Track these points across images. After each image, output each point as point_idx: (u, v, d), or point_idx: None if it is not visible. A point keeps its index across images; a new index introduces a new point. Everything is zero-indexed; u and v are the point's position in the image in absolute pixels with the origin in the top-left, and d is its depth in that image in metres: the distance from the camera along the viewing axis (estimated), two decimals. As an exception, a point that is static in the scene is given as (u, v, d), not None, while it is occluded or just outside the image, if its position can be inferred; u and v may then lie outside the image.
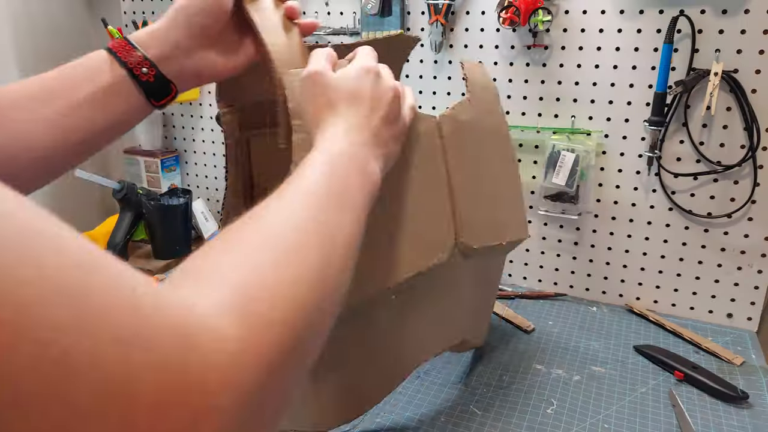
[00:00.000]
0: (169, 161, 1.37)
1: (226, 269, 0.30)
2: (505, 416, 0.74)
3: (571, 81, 0.98)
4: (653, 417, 0.74)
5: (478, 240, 0.69)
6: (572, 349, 0.90)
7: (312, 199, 0.39)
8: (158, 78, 0.52)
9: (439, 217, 0.65)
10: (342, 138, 0.46)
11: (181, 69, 0.53)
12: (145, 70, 0.51)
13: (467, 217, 0.67)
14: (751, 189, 0.91)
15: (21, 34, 1.28)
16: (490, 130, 0.72)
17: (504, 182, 0.75)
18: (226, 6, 0.53)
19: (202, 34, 0.53)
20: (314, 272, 0.34)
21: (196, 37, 0.53)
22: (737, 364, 0.86)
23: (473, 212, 0.68)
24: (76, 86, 0.50)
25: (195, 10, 0.52)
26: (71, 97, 0.49)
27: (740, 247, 0.94)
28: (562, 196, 1.02)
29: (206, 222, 1.35)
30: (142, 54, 0.51)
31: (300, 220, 0.36)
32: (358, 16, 1.11)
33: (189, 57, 0.53)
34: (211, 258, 0.32)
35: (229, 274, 0.29)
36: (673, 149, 0.95)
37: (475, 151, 0.69)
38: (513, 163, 0.78)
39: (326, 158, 0.43)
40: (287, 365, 0.29)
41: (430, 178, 0.63)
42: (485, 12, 1.01)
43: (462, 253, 0.67)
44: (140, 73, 0.51)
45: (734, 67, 0.87)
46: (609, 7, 0.93)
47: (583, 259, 1.06)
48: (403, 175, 0.59)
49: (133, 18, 1.32)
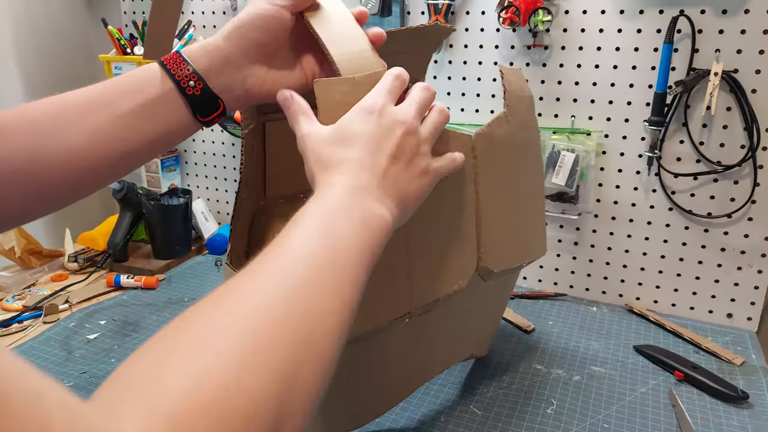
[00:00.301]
0: (169, 161, 1.37)
1: (167, 380, 0.27)
2: (505, 416, 0.74)
3: (571, 81, 0.98)
4: (653, 417, 0.74)
5: (500, 264, 0.66)
6: (572, 349, 0.90)
7: (291, 281, 0.35)
8: (205, 92, 0.50)
9: (462, 245, 0.62)
10: (338, 188, 0.43)
11: (229, 84, 0.51)
12: (192, 84, 0.50)
13: (492, 241, 0.65)
14: (751, 189, 0.91)
15: (22, 34, 1.28)
16: (523, 145, 0.69)
17: (531, 200, 0.72)
18: (285, 24, 0.51)
19: (257, 51, 0.51)
20: (277, 383, 0.29)
21: (249, 54, 0.51)
22: (737, 364, 0.86)
23: (498, 236, 0.66)
24: (123, 96, 0.49)
25: (251, 27, 0.50)
26: (117, 108, 0.48)
27: (740, 247, 0.94)
28: (562, 196, 1.02)
29: (206, 222, 1.35)
30: (191, 67, 0.49)
31: (270, 311, 0.32)
32: (358, 16, 1.11)
33: (239, 72, 0.51)
34: (155, 360, 0.29)
35: (168, 388, 0.26)
36: (673, 149, 0.95)
37: (506, 169, 0.66)
38: (540, 178, 0.75)
39: (317, 221, 0.40)
40: None
41: (458, 203, 0.60)
42: (485, 12, 1.01)
43: (481, 276, 0.66)
44: (187, 86, 0.50)
45: (734, 67, 0.87)
46: (609, 7, 0.93)
47: (583, 259, 1.06)
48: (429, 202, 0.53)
49: (133, 18, 1.32)
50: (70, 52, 1.39)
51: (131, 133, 0.49)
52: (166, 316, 1.00)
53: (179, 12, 1.11)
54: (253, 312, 0.32)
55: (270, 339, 0.31)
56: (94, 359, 0.87)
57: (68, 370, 0.84)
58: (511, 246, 0.68)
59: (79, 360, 0.87)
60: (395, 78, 0.49)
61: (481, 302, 0.73)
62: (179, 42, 1.24)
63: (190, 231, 1.28)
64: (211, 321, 0.31)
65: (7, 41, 1.25)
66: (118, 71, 1.19)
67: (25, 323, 0.97)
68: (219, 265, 1.23)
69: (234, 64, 0.50)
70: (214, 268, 1.21)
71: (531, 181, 0.71)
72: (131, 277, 1.12)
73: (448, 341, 0.71)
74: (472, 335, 0.77)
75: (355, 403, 0.65)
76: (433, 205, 0.54)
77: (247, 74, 0.51)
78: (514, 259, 0.69)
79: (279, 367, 0.30)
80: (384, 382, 0.66)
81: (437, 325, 0.67)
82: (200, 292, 1.10)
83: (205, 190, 1.41)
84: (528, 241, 0.72)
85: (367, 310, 0.54)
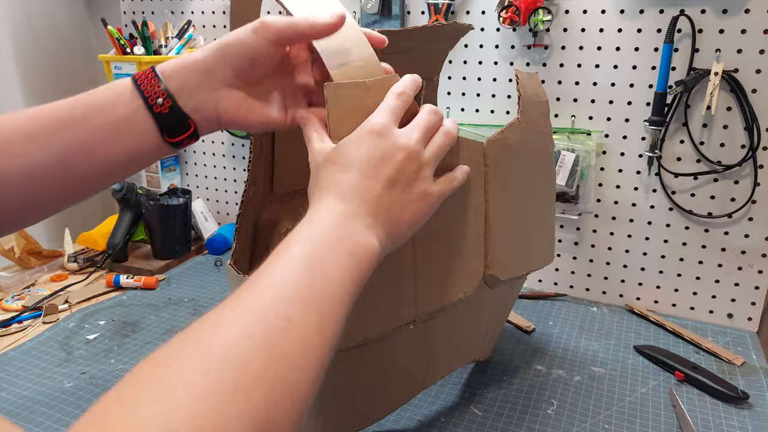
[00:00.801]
0: (168, 161, 1.37)
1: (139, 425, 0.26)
2: (505, 416, 0.74)
3: (572, 81, 0.98)
4: (653, 417, 0.74)
5: (507, 272, 0.65)
6: (572, 349, 0.90)
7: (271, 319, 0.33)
8: (174, 110, 0.47)
9: (470, 253, 0.61)
10: (328, 214, 0.42)
11: (201, 105, 0.48)
12: (161, 101, 0.46)
13: (499, 249, 0.63)
14: (751, 189, 0.91)
15: (21, 34, 1.28)
16: (535, 152, 0.67)
17: (540, 207, 0.70)
18: (267, 56, 0.48)
19: (235, 75, 0.48)
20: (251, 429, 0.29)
21: (226, 77, 0.48)
22: (737, 365, 0.85)
23: (506, 244, 0.64)
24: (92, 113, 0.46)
25: (232, 50, 0.47)
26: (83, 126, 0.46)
27: (741, 247, 0.94)
28: (562, 196, 1.02)
29: (206, 222, 1.35)
30: (162, 84, 0.47)
31: (248, 353, 0.31)
32: (358, 15, 1.11)
33: (213, 93, 0.48)
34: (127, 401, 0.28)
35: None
36: (674, 149, 0.95)
37: (517, 176, 0.64)
38: (552, 185, 0.73)
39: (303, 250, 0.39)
40: None
41: (467, 211, 0.59)
42: (485, 12, 1.01)
43: (487, 284, 0.65)
44: (155, 104, 0.46)
45: (734, 66, 0.87)
46: (609, 7, 0.93)
47: (583, 259, 1.06)
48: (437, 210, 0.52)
49: (133, 18, 1.32)
50: (70, 52, 1.39)
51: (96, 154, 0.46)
52: (165, 317, 1.00)
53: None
54: (231, 353, 0.31)
55: (245, 382, 0.30)
56: (93, 359, 0.87)
57: (68, 371, 0.84)
58: (520, 254, 0.67)
59: (78, 360, 0.87)
60: (398, 97, 0.48)
61: (486, 308, 0.72)
62: (179, 42, 1.24)
63: (189, 231, 1.28)
64: (186, 361, 0.30)
65: (6, 41, 1.25)
66: (118, 71, 1.19)
67: (24, 323, 0.97)
68: (219, 265, 1.23)
69: (208, 83, 0.48)
70: (214, 268, 1.21)
71: (542, 187, 0.70)
72: (131, 277, 1.11)
73: (452, 346, 0.71)
74: (476, 340, 0.77)
75: (360, 405, 0.65)
76: (441, 213, 0.52)
77: (221, 96, 0.48)
78: (522, 267, 0.68)
79: (253, 412, 0.29)
80: (388, 385, 0.66)
81: (442, 330, 0.66)
82: (200, 292, 1.10)
83: (205, 190, 1.40)
84: (536, 249, 0.70)
85: (373, 316, 0.54)
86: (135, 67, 1.16)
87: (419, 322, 0.60)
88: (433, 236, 0.57)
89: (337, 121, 0.47)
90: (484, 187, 0.60)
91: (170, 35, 1.24)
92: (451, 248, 0.59)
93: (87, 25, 1.43)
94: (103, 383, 0.82)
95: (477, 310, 0.70)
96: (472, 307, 0.68)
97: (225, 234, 1.30)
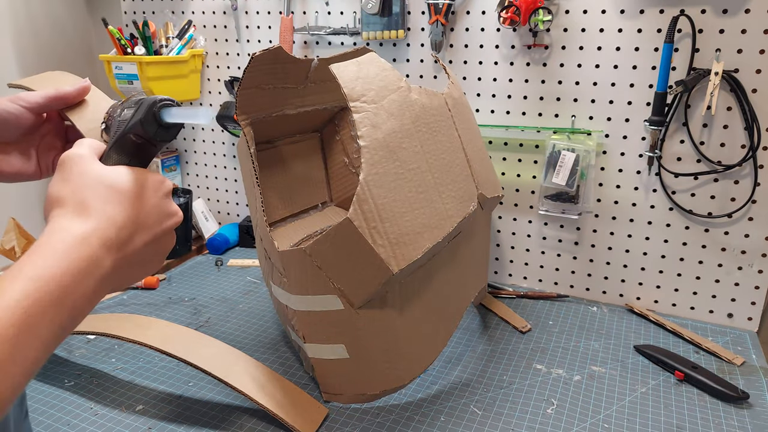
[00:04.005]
0: (169, 161, 1.37)
1: None
2: (505, 416, 0.74)
3: (572, 81, 0.98)
4: (653, 417, 0.74)
5: (489, 192, 0.84)
6: (572, 349, 0.90)
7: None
8: None
9: (465, 177, 0.79)
10: None
11: None
12: None
13: (478, 173, 0.82)
14: (751, 189, 0.91)
15: (22, 33, 1.28)
16: (466, 105, 0.88)
17: (482, 147, 0.88)
18: (24, 122, 0.53)
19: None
20: None
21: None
22: (737, 364, 0.86)
23: (481, 170, 0.83)
24: None
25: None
26: None
27: (741, 247, 0.94)
28: (562, 196, 1.02)
29: (206, 222, 1.36)
30: None
31: None
32: (359, 15, 1.11)
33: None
34: None
35: None
36: (674, 149, 0.95)
37: (465, 121, 0.84)
38: (478, 131, 0.91)
39: None
40: None
41: (452, 141, 0.78)
42: (485, 12, 1.01)
43: (480, 203, 0.81)
44: None
45: (735, 66, 0.87)
46: (609, 7, 0.93)
47: (583, 259, 1.06)
48: (436, 140, 0.75)
49: (134, 18, 1.32)
50: (71, 52, 1.39)
51: None
52: (166, 316, 1.00)
53: None
54: None
55: None
56: (94, 359, 0.87)
57: (68, 370, 0.84)
58: (489, 178, 0.86)
59: (79, 360, 0.87)
60: None
61: (478, 234, 0.88)
62: (180, 42, 1.24)
63: (190, 231, 1.28)
64: None
65: (8, 41, 1.25)
66: (119, 71, 1.19)
67: (25, 323, 0.97)
68: (219, 264, 1.23)
69: None
70: (214, 267, 1.21)
71: (476, 130, 0.89)
72: (131, 276, 1.11)
73: (471, 265, 0.87)
74: (482, 263, 0.94)
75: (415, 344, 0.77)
76: (437, 142, 0.75)
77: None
78: (494, 190, 0.87)
79: None
80: (434, 314, 0.79)
81: (463, 248, 0.83)
82: (200, 292, 1.10)
83: (205, 190, 1.41)
84: (494, 178, 0.90)
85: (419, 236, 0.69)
86: (136, 67, 1.16)
87: (449, 238, 0.74)
88: (441, 161, 0.74)
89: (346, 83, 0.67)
90: (455, 126, 0.80)
91: (171, 35, 1.24)
92: (454, 169, 0.77)
93: (88, 25, 1.43)
94: (103, 383, 0.82)
95: (477, 232, 0.87)
96: (474, 229, 0.85)
97: (225, 234, 1.30)
